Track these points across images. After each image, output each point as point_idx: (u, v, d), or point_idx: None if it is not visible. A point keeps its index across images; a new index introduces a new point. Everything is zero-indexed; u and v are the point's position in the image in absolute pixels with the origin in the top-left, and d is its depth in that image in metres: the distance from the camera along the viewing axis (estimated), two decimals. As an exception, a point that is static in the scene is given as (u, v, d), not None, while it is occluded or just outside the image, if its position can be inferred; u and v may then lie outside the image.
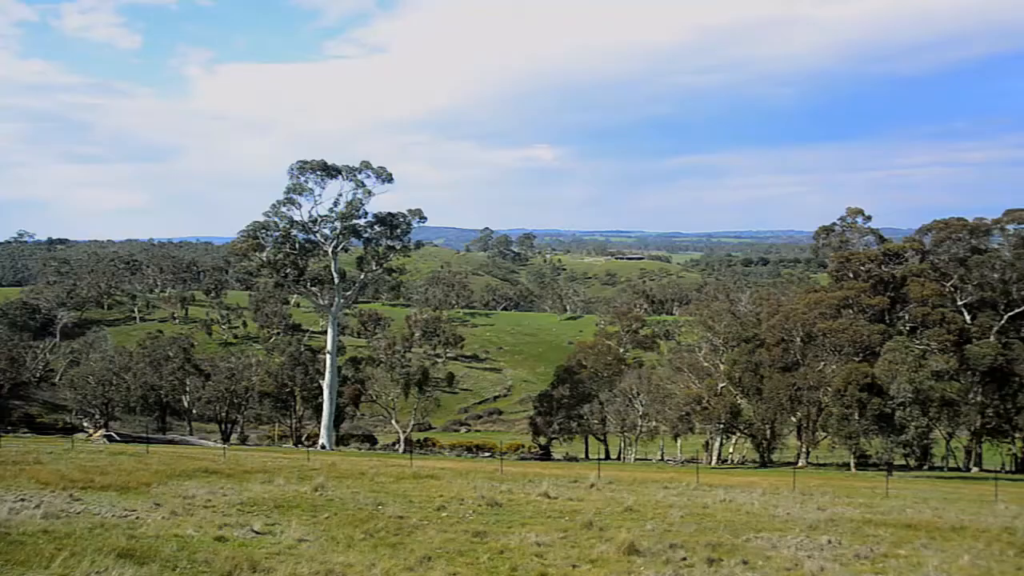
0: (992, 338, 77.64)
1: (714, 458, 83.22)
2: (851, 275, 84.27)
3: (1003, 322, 79.22)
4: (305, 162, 79.74)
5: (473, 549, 21.16)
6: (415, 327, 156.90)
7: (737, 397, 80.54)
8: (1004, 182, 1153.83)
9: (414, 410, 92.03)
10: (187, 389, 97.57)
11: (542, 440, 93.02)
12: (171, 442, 77.24)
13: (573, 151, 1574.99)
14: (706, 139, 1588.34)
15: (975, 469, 76.76)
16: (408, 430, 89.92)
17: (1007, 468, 78.76)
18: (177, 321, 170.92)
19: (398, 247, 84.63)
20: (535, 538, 22.44)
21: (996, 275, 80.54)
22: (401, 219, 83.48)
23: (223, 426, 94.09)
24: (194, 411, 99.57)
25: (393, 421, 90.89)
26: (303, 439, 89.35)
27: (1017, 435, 78.95)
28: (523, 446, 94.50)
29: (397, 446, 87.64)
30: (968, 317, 79.97)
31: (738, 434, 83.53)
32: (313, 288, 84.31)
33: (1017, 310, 79.66)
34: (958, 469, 77.23)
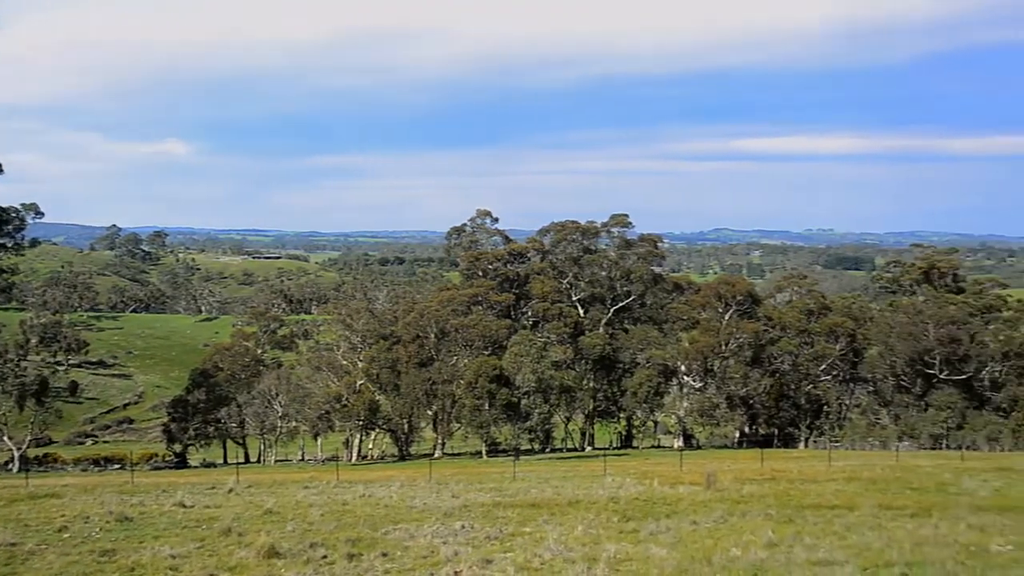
0: (601, 329, 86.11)
1: (354, 455, 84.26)
2: (480, 273, 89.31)
3: (610, 315, 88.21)
4: None
5: (100, 570, 20.02)
6: (31, 333, 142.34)
7: (376, 393, 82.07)
8: (613, 189, 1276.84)
9: (31, 424, 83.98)
10: None
11: (177, 448, 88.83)
12: None
13: (208, 147, 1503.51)
14: (345, 139, 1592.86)
15: (589, 448, 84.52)
16: (24, 446, 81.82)
17: (614, 445, 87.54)
18: None
19: (9, 245, 76.90)
20: (169, 551, 21.63)
21: (604, 273, 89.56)
22: (13, 214, 75.84)
23: None
24: None
25: (6, 438, 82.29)
26: None
27: (622, 415, 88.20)
28: (157, 455, 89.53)
29: (11, 465, 79.35)
30: (582, 311, 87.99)
31: (377, 430, 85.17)
32: (-100, 293, 74.01)
33: (621, 304, 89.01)
34: (575, 449, 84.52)
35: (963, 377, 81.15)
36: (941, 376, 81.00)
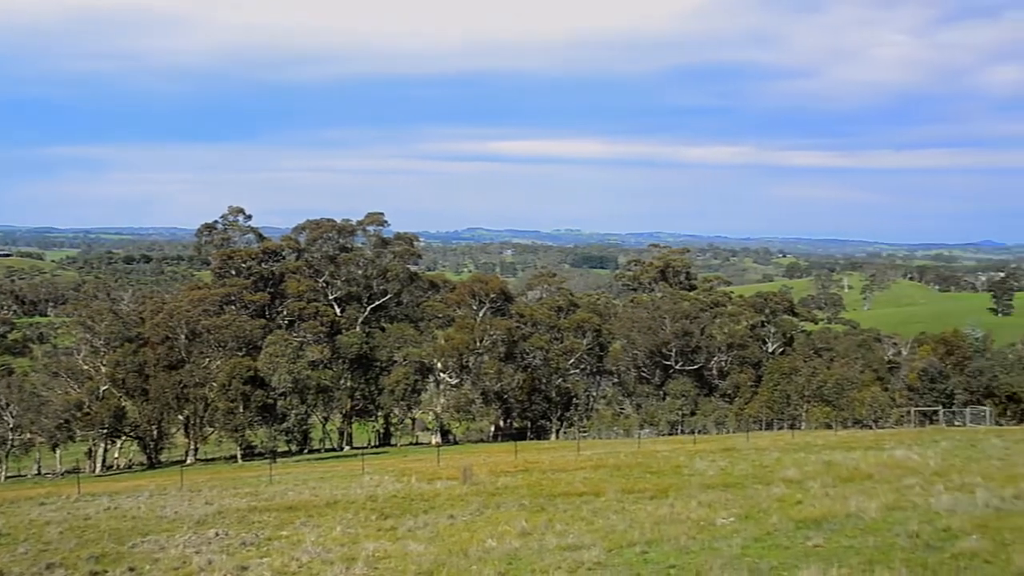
0: (358, 328, 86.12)
1: (98, 465, 79.26)
2: (234, 272, 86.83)
3: (367, 313, 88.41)
4: None
5: None
6: None
7: (122, 399, 77.85)
8: (370, 187, 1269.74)
9: None
10: None
11: None
12: None
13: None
14: (87, 129, 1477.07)
15: (347, 448, 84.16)
16: None
17: (373, 444, 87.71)
18: None
19: None
20: None
21: (361, 271, 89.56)
22: None
23: None
24: None
25: None
26: None
27: (380, 413, 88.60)
28: None
29: None
30: (338, 310, 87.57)
31: (124, 437, 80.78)
32: None
33: (378, 302, 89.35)
34: (334, 449, 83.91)
35: (695, 367, 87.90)
36: (676, 367, 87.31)
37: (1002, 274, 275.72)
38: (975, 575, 14.28)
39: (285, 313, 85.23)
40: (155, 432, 78.87)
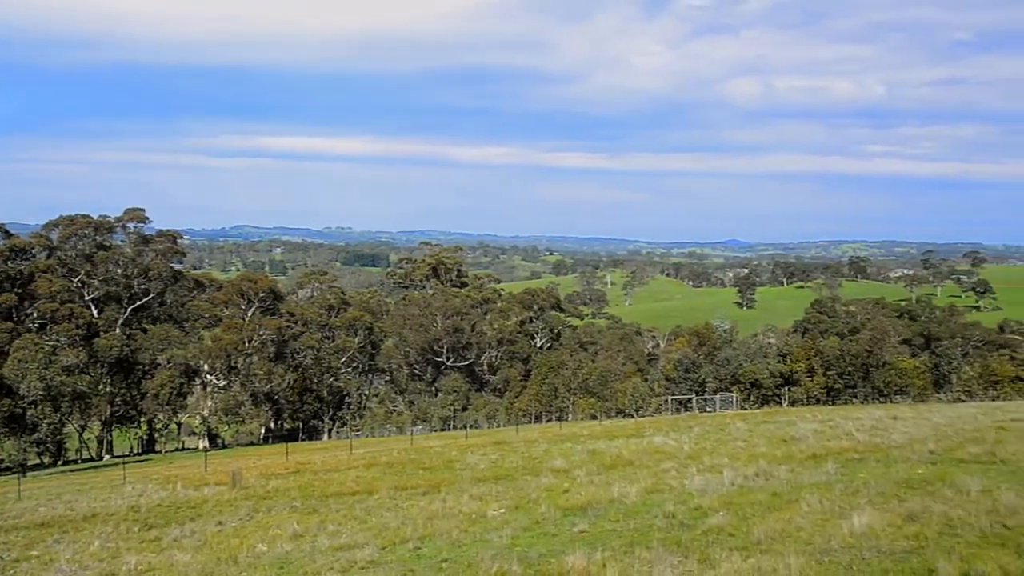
0: (118, 330, 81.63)
1: None
2: (-27, 272, 80.00)
3: (127, 314, 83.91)
4: None
5: None
6: None
7: None
8: (129, 183, 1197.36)
9: None
10: None
11: None
12: None
13: None
14: None
15: (107, 457, 79.61)
16: None
17: (135, 451, 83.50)
18: None
19: None
20: None
21: (120, 271, 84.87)
22: None
23: None
24: None
25: None
26: None
27: (143, 419, 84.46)
28: None
29: None
30: (96, 311, 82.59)
31: None
32: None
33: (139, 303, 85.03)
34: (92, 459, 79.16)
35: (466, 363, 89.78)
36: (448, 363, 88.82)
37: (746, 271, 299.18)
38: (721, 548, 15.56)
39: (35, 315, 79.48)
40: None
